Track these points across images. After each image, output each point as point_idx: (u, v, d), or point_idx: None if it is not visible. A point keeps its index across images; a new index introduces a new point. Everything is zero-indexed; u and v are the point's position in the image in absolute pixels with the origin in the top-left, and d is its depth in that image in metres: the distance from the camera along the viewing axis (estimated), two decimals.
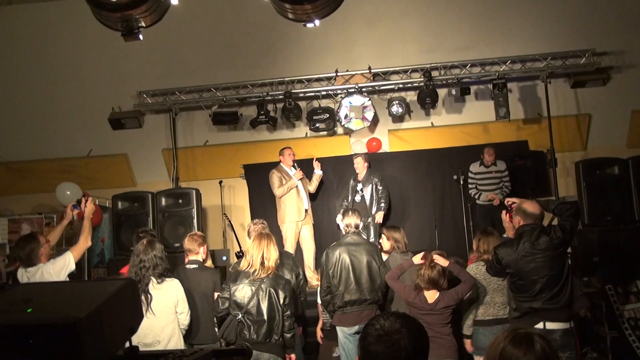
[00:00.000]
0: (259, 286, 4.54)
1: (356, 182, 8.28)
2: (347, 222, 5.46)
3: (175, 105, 9.83)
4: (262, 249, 4.60)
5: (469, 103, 9.62)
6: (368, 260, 5.24)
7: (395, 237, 5.75)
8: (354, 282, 5.18)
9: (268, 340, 4.48)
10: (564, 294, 4.26)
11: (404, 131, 9.82)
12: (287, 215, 7.97)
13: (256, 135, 9.99)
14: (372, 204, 8.14)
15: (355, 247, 5.29)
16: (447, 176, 9.04)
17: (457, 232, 8.81)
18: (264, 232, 4.81)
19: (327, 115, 9.29)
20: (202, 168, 10.12)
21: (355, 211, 5.57)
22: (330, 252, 5.33)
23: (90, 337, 1.64)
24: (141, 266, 4.60)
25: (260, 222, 5.57)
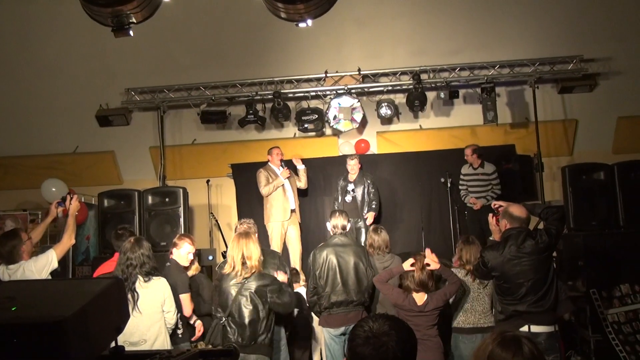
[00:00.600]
0: (241, 288, 4.51)
1: (346, 182, 8.27)
2: (334, 223, 5.47)
3: (163, 103, 9.79)
4: (241, 248, 4.56)
5: (457, 106, 9.67)
6: (355, 262, 5.24)
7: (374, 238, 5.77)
8: (340, 284, 5.18)
9: (253, 343, 4.45)
10: (549, 298, 4.29)
11: (393, 133, 9.84)
12: (273, 215, 7.96)
13: (244, 134, 9.97)
14: (364, 204, 8.15)
15: (343, 248, 5.29)
16: (434, 179, 9.01)
17: (444, 235, 8.82)
18: (242, 232, 4.78)
19: (316, 116, 9.29)
20: (190, 167, 10.08)
21: (342, 212, 5.56)
22: (317, 252, 5.32)
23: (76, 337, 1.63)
24: (128, 264, 4.55)
25: (247, 222, 5.53)
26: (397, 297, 4.74)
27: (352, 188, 8.23)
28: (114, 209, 8.18)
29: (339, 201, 8.30)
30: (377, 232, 5.83)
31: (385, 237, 5.89)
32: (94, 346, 1.73)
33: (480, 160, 8.39)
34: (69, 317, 1.61)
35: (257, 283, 4.51)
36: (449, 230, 8.63)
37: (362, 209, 8.13)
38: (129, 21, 4.90)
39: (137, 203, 8.05)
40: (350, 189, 8.23)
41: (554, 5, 8.99)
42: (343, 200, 8.25)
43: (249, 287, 4.50)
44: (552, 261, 4.55)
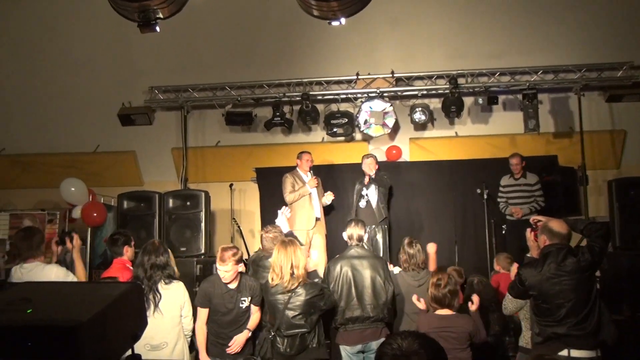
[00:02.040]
0: (288, 300, 4.56)
1: (362, 186, 8.14)
2: (350, 233, 5.41)
3: (187, 103, 9.90)
4: (289, 257, 4.63)
5: (496, 113, 9.58)
6: (372, 275, 5.17)
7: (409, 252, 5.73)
8: (355, 298, 5.12)
9: (304, 351, 4.55)
10: (590, 320, 4.20)
11: (426, 140, 9.79)
12: (297, 223, 7.96)
13: (270, 137, 10.02)
14: (380, 209, 8.01)
15: (359, 260, 5.24)
16: (470, 189, 8.96)
17: (479, 249, 8.73)
18: (287, 239, 4.83)
19: (346, 120, 9.29)
20: (213, 170, 10.16)
21: (359, 222, 5.50)
22: (331, 265, 5.29)
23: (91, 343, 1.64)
24: (151, 264, 4.73)
25: (273, 230, 5.54)
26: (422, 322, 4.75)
27: (366, 192, 8.11)
28: (133, 211, 8.29)
29: (354, 207, 8.21)
30: (411, 246, 5.76)
31: (420, 251, 5.83)
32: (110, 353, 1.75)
33: (523, 171, 8.31)
34: (85, 322, 1.63)
35: (306, 294, 4.56)
36: (484, 244, 8.53)
37: (379, 214, 7.97)
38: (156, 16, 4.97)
39: (157, 206, 8.16)
40: (365, 192, 8.11)
41: (603, 8, 8.87)
42: (357, 207, 8.13)
43: (297, 300, 4.55)
44: (595, 281, 4.47)
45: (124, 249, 5.41)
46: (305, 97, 9.24)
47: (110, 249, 5.48)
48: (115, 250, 5.43)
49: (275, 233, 5.43)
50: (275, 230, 5.52)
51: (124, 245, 5.41)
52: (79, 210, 8.76)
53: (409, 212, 9.20)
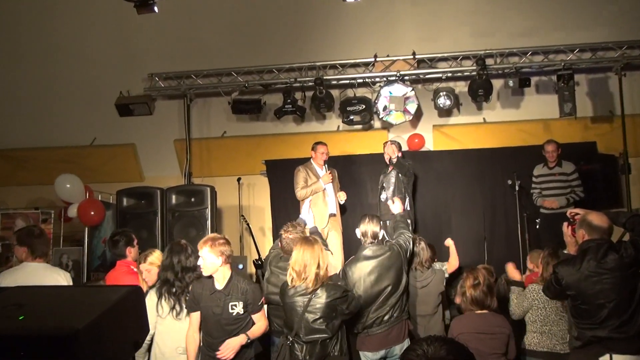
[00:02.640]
0: (308, 303, 4.56)
1: (384, 176, 8.12)
2: (363, 229, 5.38)
3: (190, 91, 9.93)
4: (316, 256, 4.62)
5: (529, 97, 9.51)
6: (392, 273, 5.20)
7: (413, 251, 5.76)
8: (378, 301, 5.15)
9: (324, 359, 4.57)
10: (634, 322, 4.18)
11: (452, 127, 9.76)
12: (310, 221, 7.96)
13: (281, 127, 10.03)
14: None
15: (376, 259, 5.24)
16: (500, 181, 8.97)
17: (510, 246, 8.72)
18: (311, 237, 4.84)
19: (363, 107, 9.27)
20: (219, 163, 10.20)
21: (373, 217, 5.47)
22: (348, 269, 5.30)
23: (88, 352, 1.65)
24: (182, 266, 4.82)
25: (294, 229, 5.47)
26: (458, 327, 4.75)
27: (386, 183, 8.07)
28: (133, 208, 8.35)
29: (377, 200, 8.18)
30: (414, 244, 5.77)
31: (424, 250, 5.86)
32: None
33: (557, 159, 8.27)
34: (81, 329, 1.64)
35: (327, 296, 4.56)
36: (516, 241, 8.52)
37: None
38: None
39: (159, 202, 8.22)
40: (385, 183, 8.07)
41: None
42: (379, 199, 8.09)
43: (318, 302, 4.55)
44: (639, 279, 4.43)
45: (126, 250, 5.45)
46: (318, 82, 9.22)
47: (112, 251, 5.54)
48: (116, 253, 5.48)
49: (297, 233, 5.39)
50: (297, 230, 5.47)
51: (126, 247, 5.46)
52: (75, 209, 8.82)
53: (433, 206, 9.20)
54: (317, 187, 7.99)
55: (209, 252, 4.58)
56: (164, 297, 4.78)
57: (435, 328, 5.78)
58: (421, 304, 5.85)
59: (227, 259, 4.64)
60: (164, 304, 4.78)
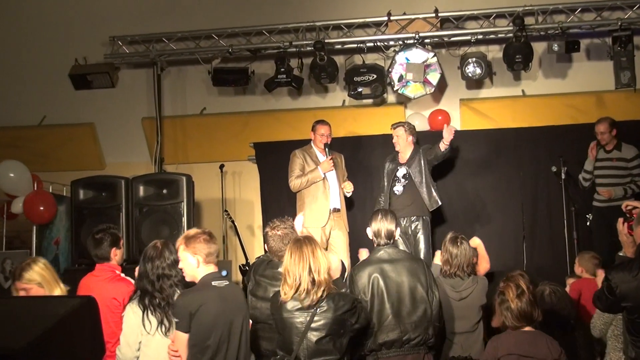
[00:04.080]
0: (311, 319, 4.55)
1: (395, 165, 8.16)
2: (377, 228, 5.36)
3: (161, 57, 9.91)
4: (306, 260, 4.58)
5: (578, 64, 9.49)
6: (411, 284, 5.17)
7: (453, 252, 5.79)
8: (390, 315, 5.11)
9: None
10: None
11: (483, 102, 9.76)
12: (306, 218, 7.93)
13: (273, 102, 10.04)
14: (426, 186, 7.98)
15: (391, 265, 5.23)
16: (542, 167, 8.98)
17: (555, 247, 8.77)
18: (303, 237, 4.83)
19: (374, 77, 9.24)
20: (197, 146, 10.22)
21: (387, 213, 5.46)
22: (356, 273, 5.27)
23: None
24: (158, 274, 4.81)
25: (282, 225, 5.48)
26: None
27: (403, 173, 8.09)
28: (92, 202, 8.35)
29: (384, 194, 8.17)
30: (455, 244, 5.77)
31: (467, 251, 5.83)
32: None
33: (616, 140, 8.27)
34: (20, 349, 1.64)
35: (335, 309, 4.56)
36: (562, 240, 8.55)
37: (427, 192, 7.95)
38: None
39: (123, 195, 8.23)
40: (402, 174, 8.09)
41: None
42: (391, 193, 8.11)
43: (324, 317, 4.55)
44: None
45: (111, 252, 5.46)
46: (319, 47, 9.18)
47: (93, 252, 5.53)
48: (99, 255, 5.48)
49: (286, 229, 5.37)
50: (286, 225, 5.45)
51: (112, 247, 5.46)
52: (20, 203, 8.81)
53: (461, 198, 9.19)
54: (315, 176, 7.99)
55: (183, 252, 4.59)
56: (149, 309, 4.78)
57: (475, 348, 5.76)
58: (459, 319, 5.85)
59: (207, 260, 4.65)
60: (152, 318, 4.77)
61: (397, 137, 8.17)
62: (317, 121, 8.28)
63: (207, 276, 4.57)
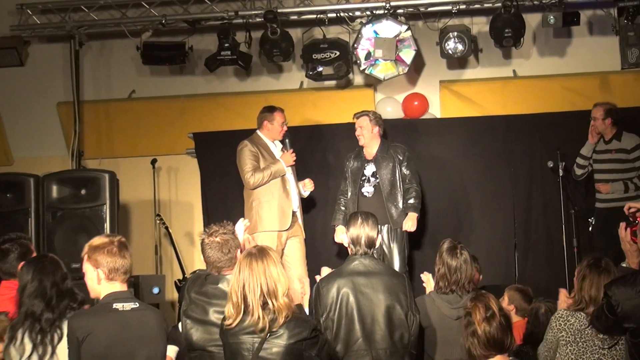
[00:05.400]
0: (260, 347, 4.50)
1: (361, 162, 8.22)
2: (355, 234, 5.36)
3: (80, 30, 9.82)
4: (257, 278, 4.50)
5: (578, 39, 9.58)
6: (388, 303, 5.16)
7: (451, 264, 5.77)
8: (361, 338, 5.11)
9: None
10: None
11: (467, 84, 9.84)
12: (263, 221, 7.96)
13: (216, 84, 10.05)
14: (397, 198, 8.10)
15: (366, 279, 5.22)
16: (537, 161, 9.10)
17: (552, 255, 8.89)
18: (255, 248, 4.76)
19: (337, 54, 9.24)
20: (125, 137, 10.20)
21: (369, 217, 5.45)
22: (323, 286, 5.25)
23: None
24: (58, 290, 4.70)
25: (221, 230, 5.45)
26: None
27: (372, 171, 8.14)
28: None
29: (346, 197, 8.25)
30: (453, 254, 5.72)
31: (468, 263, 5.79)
32: None
33: (615, 129, 8.36)
34: None
35: (289, 336, 4.50)
36: (560, 248, 8.63)
37: (392, 205, 8.05)
38: None
39: (33, 197, 8.15)
40: (370, 172, 8.15)
41: None
42: (359, 195, 8.17)
43: (276, 345, 4.49)
44: None
45: (19, 266, 5.38)
46: (270, 18, 9.14)
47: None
48: (4, 269, 5.42)
49: (226, 236, 5.33)
50: (225, 230, 5.41)
51: (20, 261, 5.37)
52: None
53: (441, 200, 9.24)
54: (278, 170, 8.00)
55: (85, 264, 4.49)
56: (26, 336, 4.70)
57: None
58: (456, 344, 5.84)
59: (111, 276, 4.57)
60: (26, 343, 4.70)
61: (361, 128, 8.20)
62: (270, 108, 8.26)
63: (108, 296, 4.46)
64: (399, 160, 8.11)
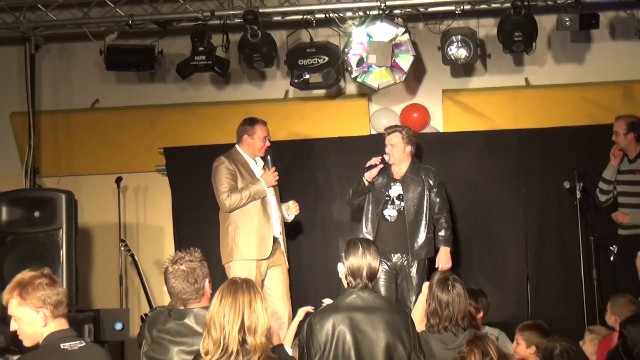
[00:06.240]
0: None
1: (388, 181, 8.21)
2: (356, 265, 5.33)
3: (36, 31, 9.80)
4: (239, 312, 4.51)
5: (598, 44, 9.63)
6: (388, 341, 5.15)
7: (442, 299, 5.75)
8: None
9: None
10: None
11: (473, 94, 9.87)
12: (240, 248, 7.94)
13: (190, 93, 10.08)
14: (421, 227, 8.10)
15: (365, 315, 5.21)
16: (552, 182, 9.09)
17: (568, 289, 8.90)
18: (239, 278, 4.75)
19: (325, 59, 9.25)
20: (87, 152, 10.20)
21: (370, 245, 5.42)
22: (317, 322, 5.23)
23: None
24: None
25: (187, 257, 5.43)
26: None
27: (398, 193, 8.16)
28: None
29: (369, 218, 8.22)
30: (445, 288, 5.74)
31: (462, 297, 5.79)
32: None
33: (625, 138, 8.37)
34: None
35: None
36: (578, 280, 8.63)
37: (416, 236, 8.05)
38: None
39: None
40: (395, 194, 8.17)
41: None
42: (380, 218, 8.17)
43: None
44: None
45: None
46: (250, 18, 9.13)
47: None
48: None
49: (192, 263, 5.31)
50: (192, 257, 5.39)
51: None
52: None
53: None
54: (258, 191, 7.96)
55: (20, 308, 4.46)
56: None
57: None
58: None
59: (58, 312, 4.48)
60: None
61: (392, 146, 8.16)
62: (251, 120, 8.22)
63: (52, 336, 4.43)
64: (429, 185, 8.11)
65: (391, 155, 8.12)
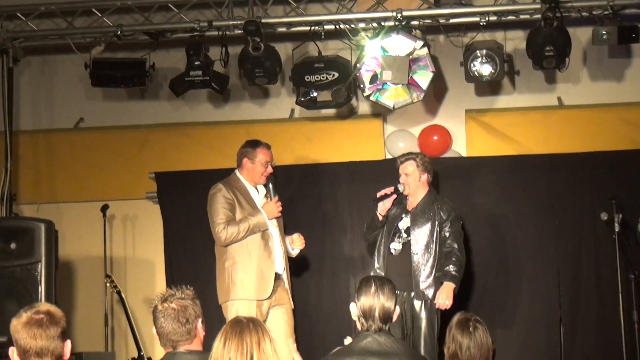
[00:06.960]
0: None
1: (400, 212, 8.22)
2: (367, 305, 5.35)
3: (15, 42, 9.83)
4: (247, 353, 4.51)
5: (638, 60, 9.63)
6: None
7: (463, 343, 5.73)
8: None
9: None
10: None
11: (500, 114, 9.88)
12: (238, 286, 7.92)
13: (185, 112, 10.11)
14: (429, 264, 8.11)
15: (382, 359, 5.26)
16: (587, 213, 9.08)
17: (606, 332, 8.85)
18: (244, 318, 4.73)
19: (335, 75, 9.26)
20: (70, 177, 10.21)
21: (385, 284, 5.46)
22: None
23: None
24: None
25: (180, 295, 5.43)
26: None
27: (407, 226, 8.16)
28: None
29: (380, 253, 8.22)
30: (465, 330, 5.73)
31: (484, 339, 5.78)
32: None
33: None
34: None
35: None
36: (616, 322, 8.56)
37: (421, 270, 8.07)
38: None
39: None
40: (404, 226, 8.18)
41: None
42: (386, 252, 8.19)
43: None
44: None
45: None
46: (252, 29, 9.16)
47: None
48: None
49: (183, 301, 5.30)
50: (184, 295, 5.38)
51: None
52: None
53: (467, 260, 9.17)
54: (258, 224, 7.92)
55: None
56: None
57: None
58: None
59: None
60: None
61: (407, 175, 8.17)
62: (252, 142, 8.21)
63: None
64: (441, 220, 8.08)
65: (406, 185, 8.12)
